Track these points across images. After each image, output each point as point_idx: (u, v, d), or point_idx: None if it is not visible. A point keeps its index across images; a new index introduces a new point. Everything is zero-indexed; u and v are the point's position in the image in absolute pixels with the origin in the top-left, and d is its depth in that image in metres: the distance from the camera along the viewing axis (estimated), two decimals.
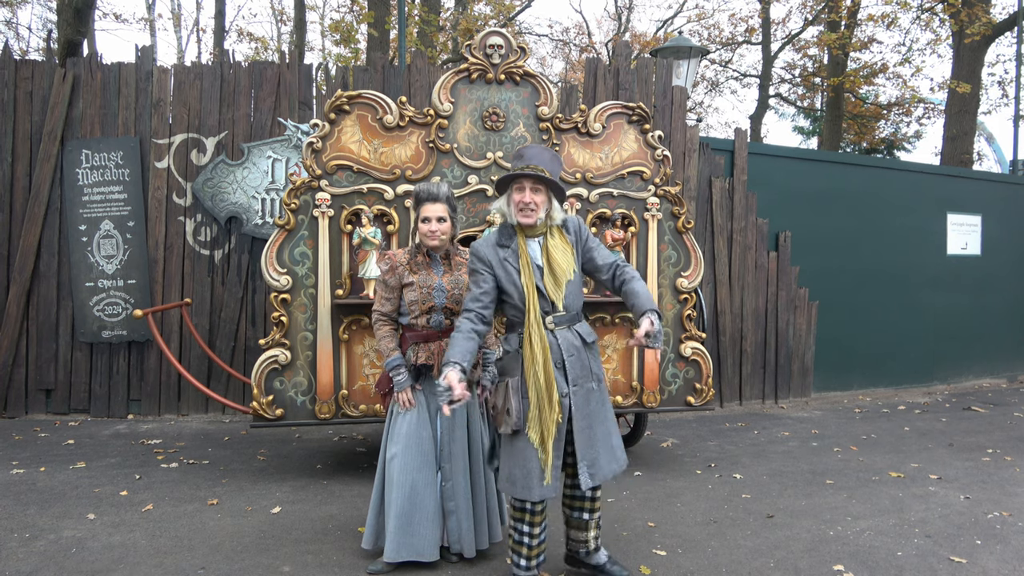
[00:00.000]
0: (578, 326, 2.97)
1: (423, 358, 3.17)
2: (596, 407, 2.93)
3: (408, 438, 3.15)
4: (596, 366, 2.99)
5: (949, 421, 6.56)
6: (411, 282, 3.16)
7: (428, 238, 3.15)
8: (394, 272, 3.17)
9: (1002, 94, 16.42)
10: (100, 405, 6.13)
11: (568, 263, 2.91)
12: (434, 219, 3.13)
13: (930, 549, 3.55)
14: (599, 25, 31.67)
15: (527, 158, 2.88)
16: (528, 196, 2.86)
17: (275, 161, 6.16)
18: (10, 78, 6.08)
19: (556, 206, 2.92)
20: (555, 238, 2.94)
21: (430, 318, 3.18)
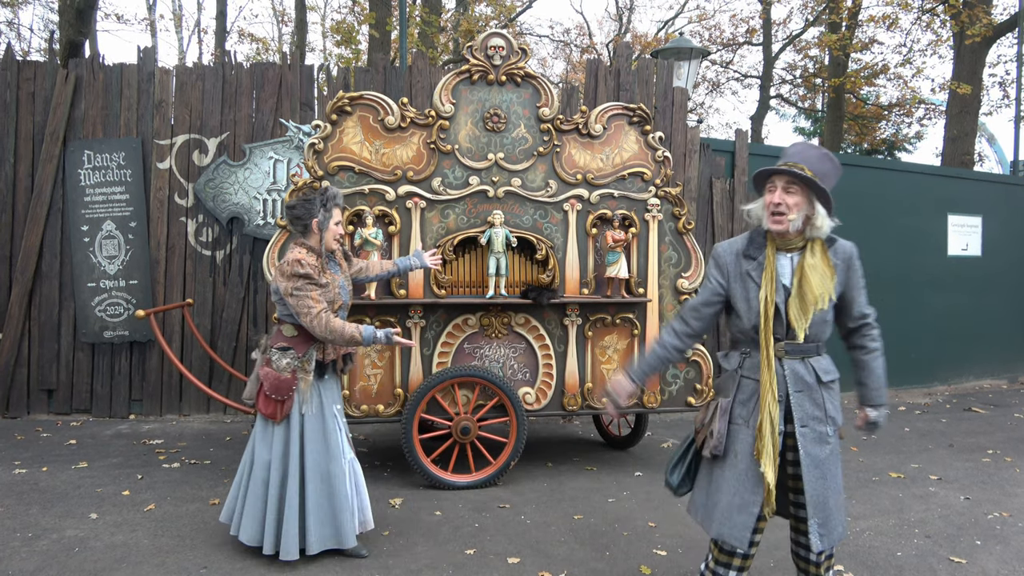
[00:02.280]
0: (814, 360, 2.50)
1: (331, 355, 3.30)
2: (829, 455, 2.46)
3: (318, 435, 3.24)
4: (833, 409, 2.52)
5: (949, 422, 6.56)
6: (326, 283, 3.21)
7: (339, 241, 3.33)
8: (317, 271, 3.18)
9: (1003, 95, 16.42)
10: (102, 405, 6.14)
11: (824, 289, 2.42)
12: (344, 223, 3.36)
13: (930, 549, 3.56)
14: (600, 26, 31.70)
15: (789, 155, 2.48)
16: (778, 196, 2.43)
17: (277, 162, 6.17)
18: (12, 79, 6.10)
19: (820, 212, 2.44)
20: (815, 256, 2.45)
21: (337, 315, 3.26)
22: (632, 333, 4.69)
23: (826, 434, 2.46)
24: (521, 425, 4.38)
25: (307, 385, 3.22)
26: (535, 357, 4.58)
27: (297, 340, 3.24)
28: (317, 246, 3.22)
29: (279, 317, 3.29)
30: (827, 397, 2.50)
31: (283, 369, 3.18)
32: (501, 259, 4.36)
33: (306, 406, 3.22)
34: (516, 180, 4.50)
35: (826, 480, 2.42)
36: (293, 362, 3.20)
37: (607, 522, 3.85)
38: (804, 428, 2.44)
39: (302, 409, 3.22)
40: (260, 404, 3.21)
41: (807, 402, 2.46)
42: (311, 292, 3.13)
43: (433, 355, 4.44)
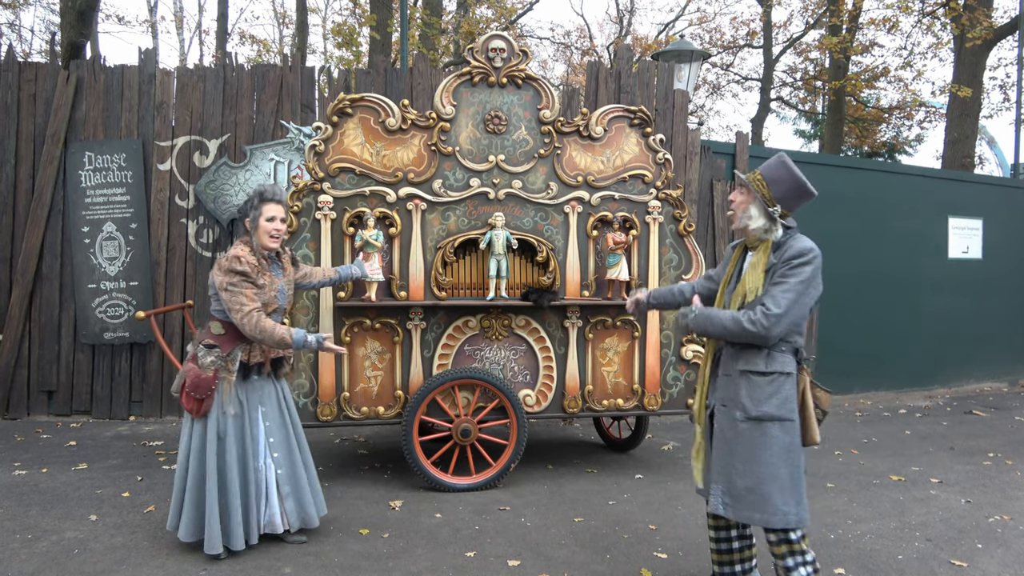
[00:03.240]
0: (744, 350, 2.69)
1: (258, 356, 3.26)
2: (737, 437, 2.66)
3: (237, 436, 3.23)
4: (747, 397, 2.65)
5: (950, 425, 6.56)
6: (263, 284, 3.16)
7: (272, 239, 3.21)
8: (255, 271, 3.14)
9: (1003, 98, 16.41)
10: (102, 407, 6.14)
11: (754, 284, 2.68)
12: (279, 218, 3.21)
13: (931, 552, 3.55)
14: (600, 28, 31.73)
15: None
16: (731, 196, 2.84)
17: (277, 163, 6.18)
18: (13, 80, 6.10)
19: (752, 213, 2.73)
20: (758, 255, 2.73)
21: (271, 317, 3.23)
22: (633, 335, 4.69)
23: (735, 418, 2.67)
24: (521, 427, 4.38)
25: (229, 385, 3.18)
26: (535, 359, 4.57)
27: (224, 339, 3.21)
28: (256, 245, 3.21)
29: (212, 312, 3.27)
30: (743, 386, 2.67)
31: (206, 367, 3.15)
32: (502, 261, 4.36)
33: (227, 407, 3.18)
34: (517, 182, 4.50)
35: (731, 456, 2.67)
36: (217, 361, 3.17)
37: (608, 524, 3.85)
38: (723, 407, 2.74)
39: (223, 409, 3.18)
40: (182, 398, 3.20)
41: (729, 385, 2.73)
42: (245, 289, 3.09)
43: (433, 357, 4.44)
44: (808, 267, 2.61)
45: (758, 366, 2.66)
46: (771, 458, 2.61)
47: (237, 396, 3.23)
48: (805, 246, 2.65)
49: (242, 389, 3.26)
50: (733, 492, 2.65)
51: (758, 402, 2.63)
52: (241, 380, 3.24)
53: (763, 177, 2.74)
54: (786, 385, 2.65)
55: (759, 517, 2.60)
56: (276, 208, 3.22)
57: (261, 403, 3.33)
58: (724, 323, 2.67)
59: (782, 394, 2.64)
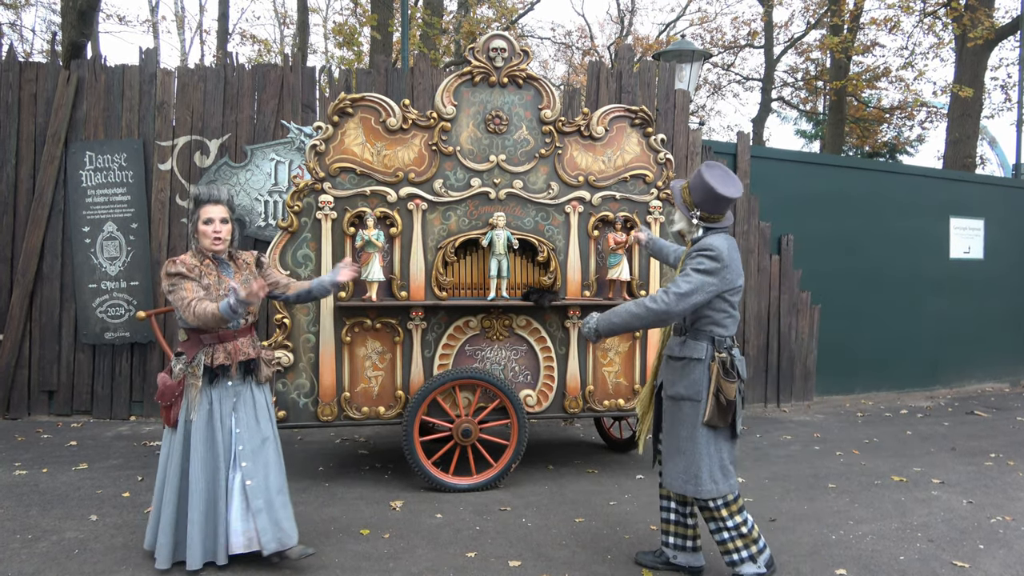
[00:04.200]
0: (677, 338, 3.11)
1: (220, 359, 3.11)
2: (674, 421, 3.08)
3: (205, 444, 3.10)
4: (666, 379, 3.13)
5: (952, 425, 6.55)
6: (207, 284, 3.09)
7: (213, 241, 3.11)
8: (191, 271, 3.06)
9: (1005, 98, 16.39)
10: (102, 406, 6.14)
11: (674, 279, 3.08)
12: (218, 220, 3.11)
13: (932, 553, 3.54)
14: (601, 28, 31.72)
15: None
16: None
17: (278, 163, 6.17)
18: (14, 80, 6.10)
19: (675, 217, 3.18)
20: (684, 253, 3.19)
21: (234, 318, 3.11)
22: (634, 336, 4.69)
23: (678, 407, 3.05)
24: (522, 427, 4.37)
25: (195, 391, 3.09)
26: (536, 359, 4.57)
27: (188, 344, 3.16)
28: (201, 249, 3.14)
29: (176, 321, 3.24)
30: (666, 368, 3.14)
31: (176, 375, 3.11)
32: (503, 261, 4.35)
33: (193, 413, 3.09)
34: (518, 182, 4.49)
35: (669, 436, 3.09)
36: (184, 368, 3.11)
37: (608, 525, 3.84)
38: (667, 397, 3.12)
39: (189, 415, 3.10)
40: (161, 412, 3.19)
41: (666, 369, 3.15)
42: (184, 284, 3.03)
43: (434, 357, 4.43)
44: (707, 260, 2.94)
45: (674, 352, 3.10)
46: (683, 434, 3.03)
47: (206, 402, 3.11)
48: (710, 242, 2.98)
49: (213, 395, 3.13)
50: (666, 464, 3.10)
51: (672, 383, 3.08)
52: (208, 385, 3.12)
53: (688, 185, 3.10)
54: (697, 369, 3.01)
55: (674, 484, 3.04)
56: (212, 209, 3.12)
57: (235, 409, 3.17)
58: (628, 310, 3.00)
59: (692, 376, 3.01)
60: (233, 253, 3.25)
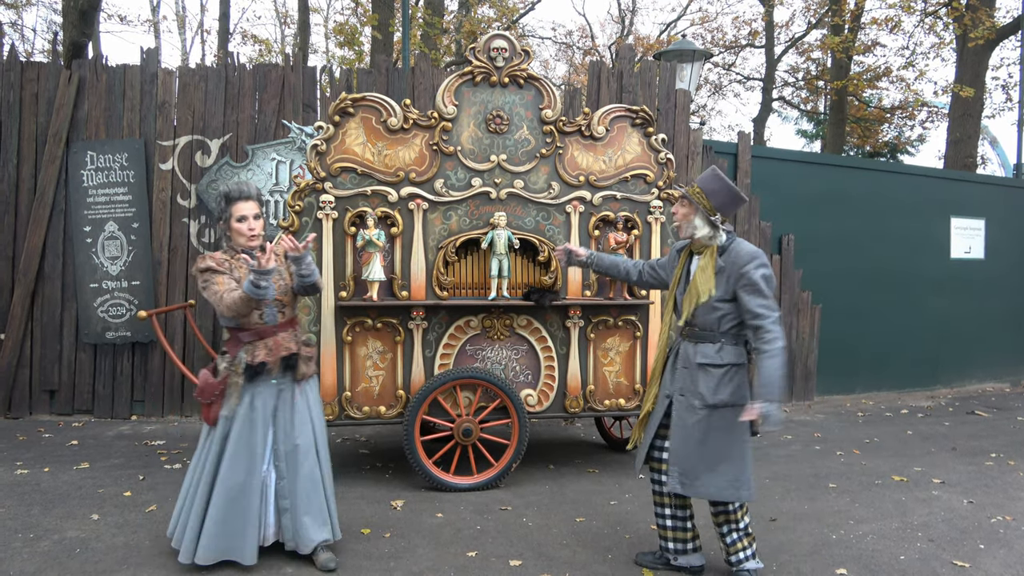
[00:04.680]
0: (701, 345, 3.02)
1: (261, 356, 3.08)
2: (696, 423, 2.98)
3: (238, 442, 3.08)
4: (705, 388, 2.98)
5: (952, 425, 6.55)
6: (239, 277, 3.04)
7: (249, 239, 3.08)
8: (222, 266, 3.03)
9: (1006, 98, 16.37)
10: (104, 406, 6.14)
11: (705, 286, 2.99)
12: (251, 216, 3.08)
13: (933, 553, 3.55)
14: (602, 28, 31.71)
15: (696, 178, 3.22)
16: (675, 207, 3.14)
17: (279, 163, 6.18)
18: (16, 80, 6.11)
19: (697, 223, 3.03)
20: (705, 259, 3.04)
21: (263, 313, 3.10)
22: (634, 335, 4.69)
23: (695, 406, 2.99)
24: (523, 427, 4.37)
25: (236, 389, 3.07)
26: (537, 359, 4.57)
27: (230, 343, 3.14)
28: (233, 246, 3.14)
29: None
30: (701, 377, 3.00)
31: (220, 374, 3.10)
32: (503, 261, 4.35)
33: (231, 410, 3.08)
34: (518, 182, 4.49)
35: (687, 440, 2.99)
36: (228, 367, 3.10)
37: (609, 524, 3.85)
38: (681, 396, 3.05)
39: (228, 413, 3.08)
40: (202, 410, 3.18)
41: (686, 377, 3.05)
42: (215, 279, 3.00)
43: (435, 357, 4.44)
44: (765, 267, 2.94)
45: (713, 359, 3.00)
46: (728, 441, 2.98)
47: (247, 400, 3.10)
48: (754, 249, 2.99)
49: (255, 393, 3.11)
50: (690, 472, 2.99)
51: (713, 391, 2.97)
52: (250, 383, 3.10)
53: (701, 190, 3.01)
54: (739, 375, 3.01)
55: (715, 492, 2.98)
56: (244, 206, 3.09)
57: (276, 408, 3.16)
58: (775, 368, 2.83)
59: (736, 382, 2.99)
60: (264, 246, 3.16)
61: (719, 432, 2.97)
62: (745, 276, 2.91)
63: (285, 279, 3.18)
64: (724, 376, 2.98)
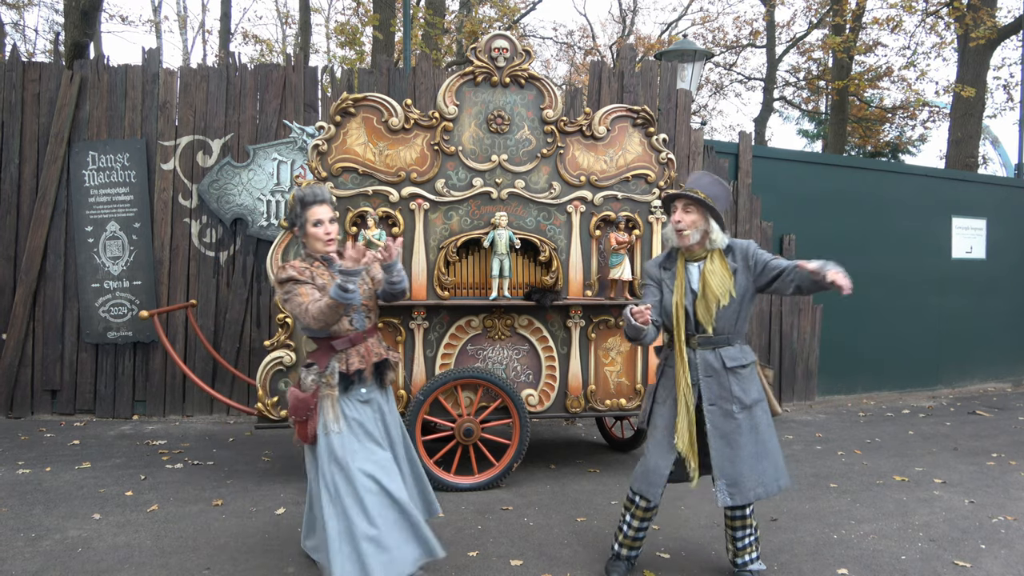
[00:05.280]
0: (723, 349, 2.99)
1: (356, 363, 2.92)
2: (736, 428, 2.95)
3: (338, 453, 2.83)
4: (739, 390, 2.97)
5: (953, 425, 6.54)
6: (323, 285, 2.91)
7: (326, 243, 2.96)
8: (303, 273, 2.90)
9: (1007, 98, 16.35)
10: (105, 406, 6.15)
11: (724, 288, 2.95)
12: (327, 220, 2.97)
13: (934, 553, 3.54)
14: (603, 28, 31.70)
15: (689, 182, 3.02)
16: (679, 215, 2.96)
17: (280, 163, 6.18)
18: (17, 80, 6.12)
19: (714, 227, 2.97)
20: (714, 263, 2.98)
21: (352, 319, 2.96)
22: None
23: (732, 411, 2.95)
24: (524, 427, 4.38)
25: (333, 402, 2.87)
26: (538, 359, 4.57)
27: (318, 354, 2.98)
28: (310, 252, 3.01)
29: (302, 333, 3.08)
30: (733, 380, 2.97)
31: (308, 387, 2.89)
32: (504, 261, 4.36)
33: (331, 424, 2.85)
34: (520, 182, 4.50)
35: (731, 448, 2.94)
36: (318, 378, 2.90)
37: (610, 525, 3.84)
38: (712, 406, 2.96)
39: (328, 427, 2.85)
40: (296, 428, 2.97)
41: (714, 385, 2.97)
42: (297, 289, 2.87)
43: (436, 357, 4.44)
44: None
45: (740, 360, 3.00)
46: (765, 436, 2.99)
47: (342, 410, 2.88)
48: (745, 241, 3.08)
49: (348, 405, 2.90)
50: (737, 480, 2.92)
51: (747, 391, 2.98)
52: (344, 392, 2.91)
53: (706, 196, 2.95)
54: (755, 370, 3.06)
55: (762, 491, 2.94)
56: (320, 210, 2.95)
57: (373, 418, 2.98)
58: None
59: (756, 379, 3.04)
60: (341, 251, 2.98)
61: (757, 431, 2.97)
62: (756, 256, 3.00)
63: (368, 284, 3.05)
64: (751, 374, 3.02)
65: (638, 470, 3.09)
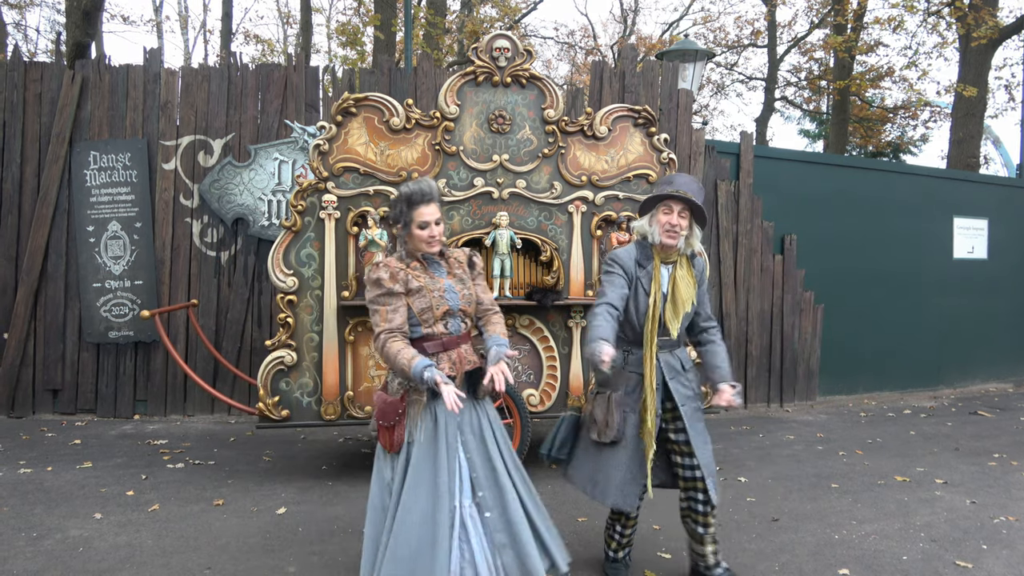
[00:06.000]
0: (679, 351, 3.05)
1: (446, 370, 2.70)
2: (705, 425, 3.05)
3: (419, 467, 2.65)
4: (697, 386, 3.12)
5: (955, 425, 6.54)
6: (418, 287, 2.72)
7: (429, 244, 2.75)
8: (396, 279, 2.71)
9: (1009, 98, 16.35)
10: (107, 405, 6.16)
11: (689, 296, 2.99)
12: (433, 222, 2.73)
13: (935, 553, 3.54)
14: (604, 28, 31.69)
15: (677, 184, 2.95)
16: (676, 219, 2.93)
17: (281, 163, 6.19)
18: (19, 80, 6.12)
19: (697, 234, 3.01)
20: (683, 269, 3.00)
21: (447, 323, 2.75)
22: None
23: (699, 408, 3.04)
24: (525, 427, 4.37)
25: (419, 408, 2.68)
26: (539, 359, 4.57)
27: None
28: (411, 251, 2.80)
29: None
30: (693, 379, 3.08)
31: (395, 392, 2.72)
32: (506, 261, 4.35)
33: (416, 432, 2.67)
34: (521, 182, 4.50)
35: (707, 445, 3.00)
36: (404, 383, 2.69)
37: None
38: (684, 407, 2.98)
39: (411, 436, 2.68)
40: (379, 433, 2.80)
41: (680, 386, 3.00)
42: (380, 308, 2.70)
43: None
44: None
45: (690, 359, 3.13)
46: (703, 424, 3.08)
47: (430, 421, 2.69)
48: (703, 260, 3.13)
49: (438, 412, 2.68)
50: (712, 472, 3.00)
51: (695, 389, 3.09)
52: (432, 400, 2.70)
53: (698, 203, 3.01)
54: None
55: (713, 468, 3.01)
56: (428, 210, 2.71)
57: (461, 431, 2.73)
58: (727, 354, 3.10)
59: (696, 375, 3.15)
60: (444, 251, 2.86)
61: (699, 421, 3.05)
62: (704, 284, 3.10)
63: (469, 288, 2.82)
64: (695, 373, 3.13)
65: (612, 488, 2.95)
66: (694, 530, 3.08)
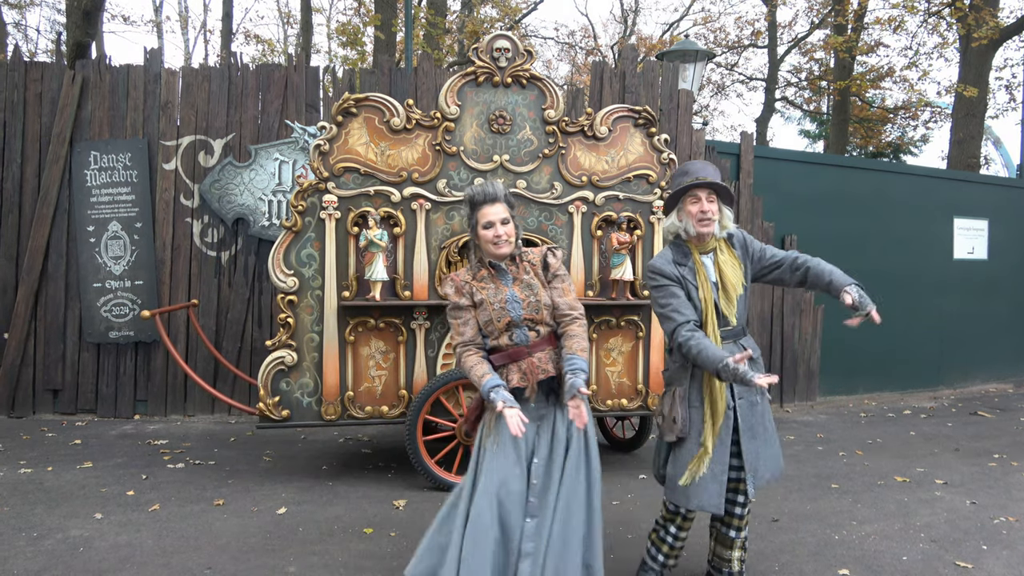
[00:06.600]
0: (744, 340, 2.94)
1: (515, 380, 2.65)
2: (759, 419, 2.90)
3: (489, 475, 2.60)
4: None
5: (955, 426, 6.54)
6: (480, 300, 2.69)
7: (495, 245, 2.66)
8: (461, 292, 2.70)
9: (1009, 98, 16.35)
10: (107, 405, 6.16)
11: (738, 278, 2.89)
12: (498, 222, 2.65)
13: (935, 554, 3.54)
14: (605, 28, 31.70)
15: (694, 172, 2.87)
16: (705, 205, 2.83)
17: (282, 163, 6.19)
18: (20, 80, 6.13)
19: (728, 214, 2.91)
20: (724, 253, 2.92)
21: (512, 334, 2.68)
22: (637, 335, 4.69)
23: (756, 401, 2.90)
24: None
25: (491, 414, 2.66)
26: None
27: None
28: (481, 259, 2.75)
29: None
30: (756, 369, 2.91)
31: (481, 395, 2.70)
32: None
33: (485, 439, 2.67)
34: (521, 182, 4.50)
35: (755, 440, 2.87)
36: None
37: (611, 524, 3.84)
38: (741, 400, 2.86)
39: (482, 442, 2.68)
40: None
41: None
42: (454, 322, 2.72)
43: (437, 357, 4.44)
44: None
45: (757, 349, 2.99)
46: (772, 422, 2.99)
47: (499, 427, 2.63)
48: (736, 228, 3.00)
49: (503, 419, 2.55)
50: (756, 468, 2.86)
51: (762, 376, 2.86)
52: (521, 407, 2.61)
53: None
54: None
55: (770, 476, 2.91)
56: (490, 210, 2.67)
57: (538, 434, 2.68)
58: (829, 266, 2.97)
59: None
60: (515, 255, 2.76)
61: (767, 416, 2.93)
62: (753, 245, 2.99)
63: (537, 294, 2.71)
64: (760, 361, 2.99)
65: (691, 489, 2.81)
66: (725, 534, 2.98)
